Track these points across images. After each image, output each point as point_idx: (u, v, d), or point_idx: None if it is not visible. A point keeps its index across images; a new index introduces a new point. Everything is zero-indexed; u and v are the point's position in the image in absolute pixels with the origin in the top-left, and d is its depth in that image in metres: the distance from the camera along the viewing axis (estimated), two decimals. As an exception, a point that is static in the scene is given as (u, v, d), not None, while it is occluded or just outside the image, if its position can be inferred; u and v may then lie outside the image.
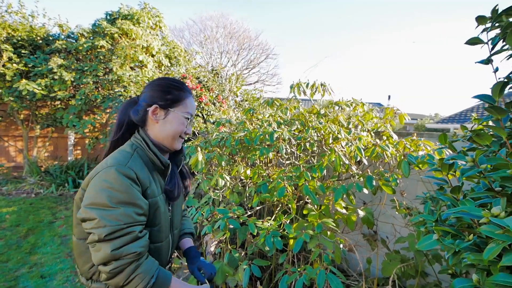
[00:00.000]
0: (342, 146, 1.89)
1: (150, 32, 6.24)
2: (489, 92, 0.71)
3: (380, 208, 2.10)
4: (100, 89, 5.77)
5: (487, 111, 0.60)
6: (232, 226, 1.66)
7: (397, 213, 1.71)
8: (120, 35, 5.71)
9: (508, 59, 0.69)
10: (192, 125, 1.01)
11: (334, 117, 2.17)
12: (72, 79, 5.33)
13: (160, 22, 6.60)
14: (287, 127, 2.06)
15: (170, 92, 0.92)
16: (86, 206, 0.76)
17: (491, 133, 0.85)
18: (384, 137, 2.08)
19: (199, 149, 1.91)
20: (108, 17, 6.13)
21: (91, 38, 5.86)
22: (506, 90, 0.88)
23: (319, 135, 1.99)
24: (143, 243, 0.79)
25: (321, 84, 2.51)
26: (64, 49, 5.72)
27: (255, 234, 1.58)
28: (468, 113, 11.80)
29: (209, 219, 1.91)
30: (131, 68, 5.73)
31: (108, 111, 5.65)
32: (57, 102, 5.95)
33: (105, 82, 5.55)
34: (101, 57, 5.67)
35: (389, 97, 23.13)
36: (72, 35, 6.10)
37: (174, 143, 0.94)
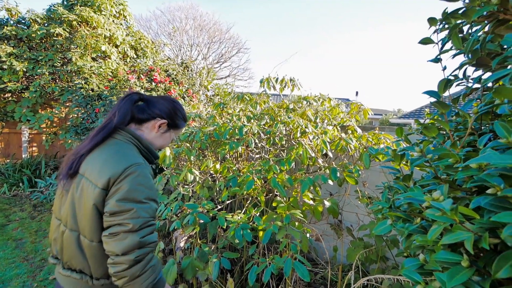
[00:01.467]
0: (309, 139, 1.95)
1: (113, 21, 5.86)
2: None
3: (345, 198, 2.21)
4: (57, 80, 5.33)
5: (434, 105, 0.66)
6: (202, 221, 1.65)
7: (360, 202, 1.81)
8: (79, 23, 5.29)
9: (453, 57, 0.76)
10: None
11: (302, 112, 2.22)
12: (25, 69, 4.86)
13: (124, 11, 6.22)
14: (256, 121, 2.07)
15: (179, 119, 1.08)
16: (121, 201, 0.82)
17: (441, 126, 0.93)
18: (349, 131, 2.18)
19: (166, 144, 1.85)
20: (65, 3, 5.65)
21: (46, 24, 5.36)
22: (457, 88, 0.97)
23: (287, 129, 2.03)
24: (156, 235, 0.90)
25: (290, 79, 2.55)
26: (14, 36, 5.17)
27: (224, 227, 1.59)
28: (427, 108, 12.77)
29: (178, 215, 1.87)
30: (93, 58, 5.35)
31: (67, 104, 5.25)
32: (8, 95, 5.39)
33: (63, 73, 5.13)
34: (57, 46, 5.22)
35: (356, 93, 24.20)
36: (23, 21, 5.53)
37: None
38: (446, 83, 0.67)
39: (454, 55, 0.74)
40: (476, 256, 0.63)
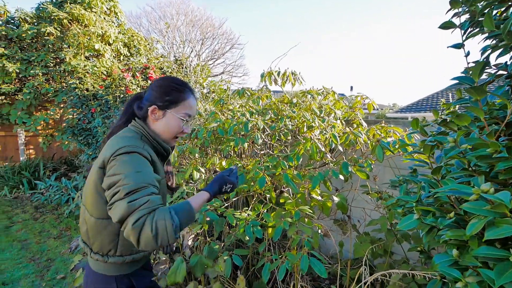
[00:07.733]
0: (316, 134, 1.90)
1: (104, 18, 5.73)
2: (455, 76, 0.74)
3: (352, 193, 2.18)
4: (51, 81, 5.21)
5: (468, 92, 0.62)
6: (209, 219, 1.60)
7: (369, 197, 1.78)
8: (70, 21, 5.16)
9: (484, 40, 0.72)
10: (189, 125, 1.05)
11: (307, 106, 2.17)
12: (17, 71, 4.73)
13: (115, 8, 6.09)
14: (260, 116, 2.02)
15: (169, 93, 0.97)
16: (109, 176, 0.82)
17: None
18: (355, 125, 2.14)
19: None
20: (54, 0, 5.50)
21: (36, 24, 5.22)
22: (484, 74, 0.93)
23: (293, 124, 1.98)
24: (157, 198, 0.81)
25: (292, 73, 2.50)
26: (4, 37, 5.03)
27: (234, 225, 1.55)
28: (424, 102, 12.84)
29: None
30: (86, 57, 5.23)
31: (62, 105, 5.14)
32: (1, 97, 5.26)
33: (57, 73, 5.02)
34: (49, 45, 5.09)
35: (351, 88, 24.25)
36: (12, 21, 5.37)
37: (169, 142, 1.02)
38: (483, 66, 0.62)
39: (487, 37, 0.70)
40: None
